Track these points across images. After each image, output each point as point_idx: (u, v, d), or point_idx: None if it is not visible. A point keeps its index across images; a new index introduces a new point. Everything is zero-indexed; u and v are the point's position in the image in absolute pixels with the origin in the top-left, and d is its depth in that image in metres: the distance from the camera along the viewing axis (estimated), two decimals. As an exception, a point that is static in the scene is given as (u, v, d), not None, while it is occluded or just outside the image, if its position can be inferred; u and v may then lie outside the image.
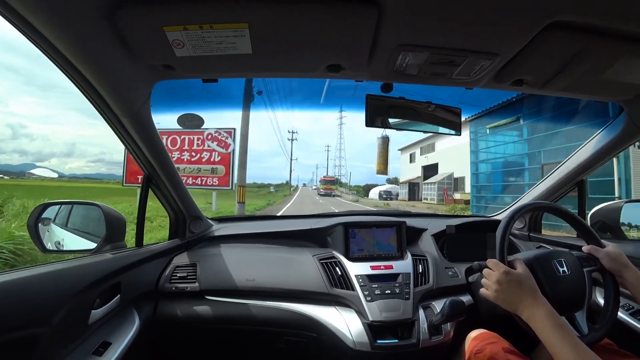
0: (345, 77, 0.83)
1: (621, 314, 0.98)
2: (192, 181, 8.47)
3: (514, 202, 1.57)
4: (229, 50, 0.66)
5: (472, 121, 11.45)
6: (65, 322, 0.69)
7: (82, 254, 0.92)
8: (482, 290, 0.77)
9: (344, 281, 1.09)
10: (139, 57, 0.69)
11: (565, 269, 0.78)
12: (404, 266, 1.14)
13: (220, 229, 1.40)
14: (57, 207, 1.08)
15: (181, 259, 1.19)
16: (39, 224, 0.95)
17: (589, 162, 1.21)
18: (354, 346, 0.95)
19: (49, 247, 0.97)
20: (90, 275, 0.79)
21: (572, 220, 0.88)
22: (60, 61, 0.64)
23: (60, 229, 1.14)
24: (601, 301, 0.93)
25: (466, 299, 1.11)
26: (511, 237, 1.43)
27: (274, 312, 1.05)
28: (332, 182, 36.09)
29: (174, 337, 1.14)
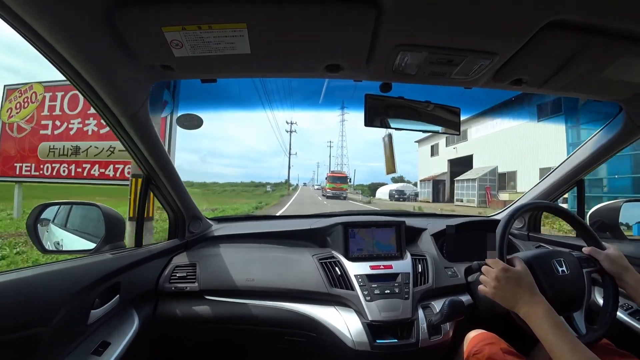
0: (344, 77, 0.83)
1: (620, 314, 0.98)
2: (98, 171, 5.26)
3: (514, 202, 1.57)
4: (227, 50, 0.66)
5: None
6: (64, 322, 0.69)
7: (81, 254, 0.92)
8: (481, 287, 0.76)
9: (344, 281, 1.09)
10: (138, 58, 0.69)
11: (564, 268, 0.78)
12: (403, 266, 1.14)
13: (219, 229, 1.40)
14: (56, 207, 1.08)
15: (181, 259, 1.19)
16: (38, 225, 0.95)
17: (588, 162, 1.21)
18: (353, 346, 0.95)
19: (48, 247, 0.97)
20: (89, 275, 0.79)
21: (571, 220, 0.88)
22: (58, 62, 0.64)
23: (59, 229, 1.14)
24: (600, 301, 0.93)
25: (465, 298, 1.11)
26: (510, 237, 1.43)
27: (273, 312, 1.05)
28: (342, 179, 25.32)
29: (174, 337, 1.14)
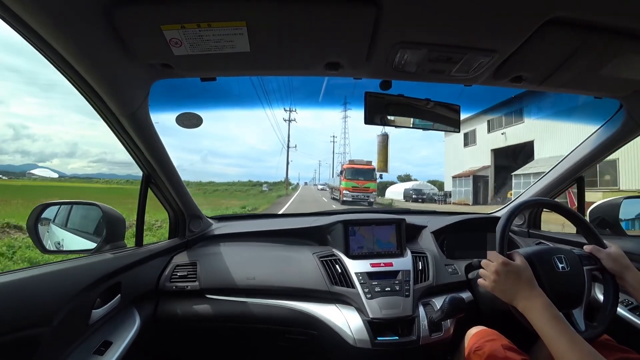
0: (344, 75, 0.83)
1: (620, 310, 0.98)
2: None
3: (515, 199, 1.57)
4: (227, 48, 0.66)
5: None
6: (66, 322, 0.69)
7: (82, 254, 0.92)
8: (480, 280, 0.77)
9: (344, 279, 1.09)
10: (137, 56, 0.69)
11: (564, 265, 0.78)
12: (403, 263, 1.14)
13: (220, 228, 1.40)
14: (57, 207, 1.08)
15: (181, 258, 1.19)
16: (39, 225, 0.95)
17: (588, 159, 1.21)
18: (354, 343, 0.95)
19: (49, 247, 0.97)
20: (90, 275, 0.79)
21: (572, 217, 0.88)
22: (57, 61, 0.64)
23: (59, 229, 1.14)
24: (601, 297, 0.93)
25: (466, 295, 1.12)
26: (511, 234, 1.43)
27: (274, 310, 1.06)
28: (368, 173, 15.55)
29: (175, 336, 1.14)
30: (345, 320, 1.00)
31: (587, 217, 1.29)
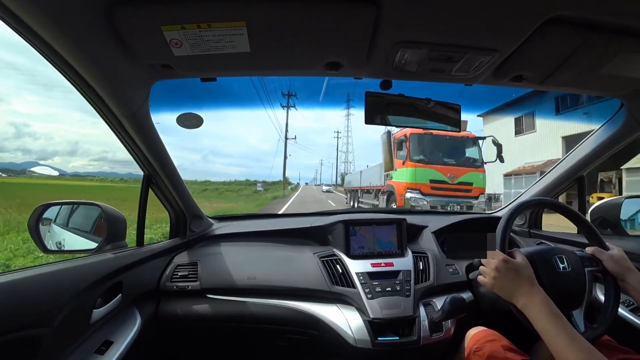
0: (344, 75, 0.83)
1: (621, 310, 0.98)
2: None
3: (515, 199, 1.57)
4: (227, 49, 0.66)
5: None
6: (67, 322, 0.69)
7: (83, 254, 0.92)
8: (480, 277, 0.77)
9: (345, 279, 1.09)
10: (137, 57, 0.69)
11: (566, 265, 0.78)
12: (404, 263, 1.14)
13: (220, 228, 1.40)
14: (58, 207, 1.09)
15: (182, 257, 1.19)
16: (40, 225, 0.95)
17: (589, 158, 1.20)
18: (355, 343, 0.95)
19: (50, 247, 0.97)
20: (91, 274, 0.79)
21: (573, 217, 0.88)
22: (57, 62, 0.64)
23: (61, 229, 1.14)
24: (601, 298, 0.93)
25: (467, 295, 1.12)
26: (512, 234, 1.43)
27: (275, 310, 1.06)
28: (465, 148, 6.84)
29: (176, 336, 1.14)
30: (345, 320, 1.00)
31: (588, 217, 1.28)
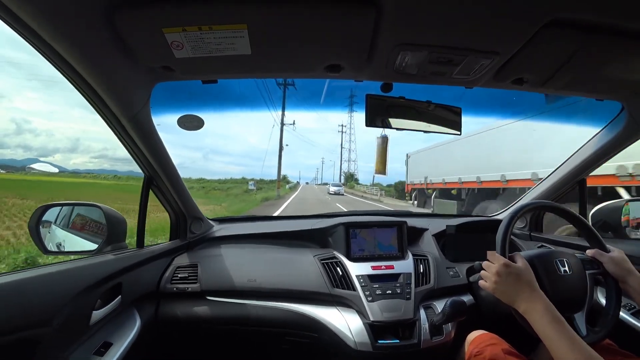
0: (345, 77, 0.83)
1: (623, 314, 0.97)
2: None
3: (516, 202, 1.57)
4: (228, 51, 0.67)
5: None
6: (66, 323, 0.69)
7: (83, 255, 0.92)
8: (481, 282, 0.76)
9: (345, 281, 1.08)
10: (139, 59, 0.69)
11: (566, 268, 0.78)
12: (405, 266, 1.14)
13: (221, 230, 1.40)
14: (58, 208, 1.09)
15: (182, 259, 1.19)
16: (40, 226, 0.95)
17: (590, 161, 1.20)
18: (355, 346, 0.95)
19: (50, 248, 0.97)
20: (91, 276, 0.79)
21: (574, 220, 0.88)
22: (59, 63, 0.64)
23: (61, 230, 1.14)
24: (603, 301, 0.93)
25: (467, 299, 1.11)
26: (512, 237, 1.42)
27: (275, 312, 1.05)
28: None
29: (175, 338, 1.14)
30: (346, 322, 0.99)
31: (589, 220, 1.28)
